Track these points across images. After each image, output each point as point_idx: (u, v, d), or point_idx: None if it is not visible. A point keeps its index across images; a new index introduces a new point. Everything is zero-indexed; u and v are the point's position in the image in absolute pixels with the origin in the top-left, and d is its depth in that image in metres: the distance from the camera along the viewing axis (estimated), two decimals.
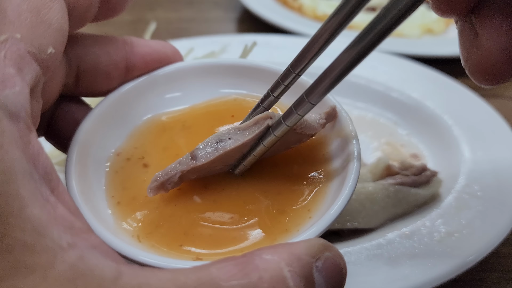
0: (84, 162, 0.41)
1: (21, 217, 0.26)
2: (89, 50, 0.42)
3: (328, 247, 0.31)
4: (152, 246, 0.37)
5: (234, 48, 0.84)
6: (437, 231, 0.60)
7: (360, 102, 0.84)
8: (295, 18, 1.17)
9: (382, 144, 0.69)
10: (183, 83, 0.48)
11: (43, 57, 0.33)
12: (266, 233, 0.37)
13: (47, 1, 0.34)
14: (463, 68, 0.41)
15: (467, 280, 0.57)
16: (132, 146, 0.45)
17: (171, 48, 0.47)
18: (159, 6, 1.28)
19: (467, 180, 0.67)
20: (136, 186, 0.41)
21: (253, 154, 0.40)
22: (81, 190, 0.38)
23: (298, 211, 0.39)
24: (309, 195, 0.40)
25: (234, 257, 0.29)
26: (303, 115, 0.38)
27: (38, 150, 0.30)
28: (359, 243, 0.60)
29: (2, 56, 0.30)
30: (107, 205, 0.40)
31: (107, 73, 0.43)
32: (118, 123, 0.45)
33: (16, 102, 0.29)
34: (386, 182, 0.64)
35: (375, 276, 0.55)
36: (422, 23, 1.15)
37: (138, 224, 0.38)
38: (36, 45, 0.32)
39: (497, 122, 0.76)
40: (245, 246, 0.36)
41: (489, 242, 0.57)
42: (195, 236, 0.37)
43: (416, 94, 0.84)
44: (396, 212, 0.64)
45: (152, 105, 0.47)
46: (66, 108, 0.44)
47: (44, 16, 0.33)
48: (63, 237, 0.27)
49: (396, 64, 0.90)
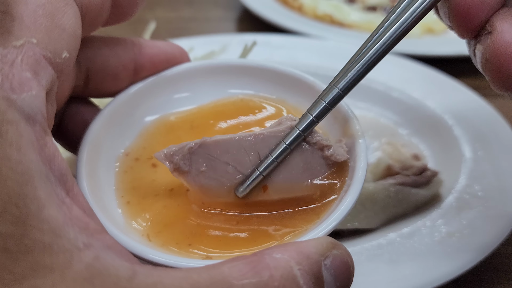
0: (94, 163, 0.41)
1: (39, 218, 0.27)
2: (98, 52, 0.43)
3: (336, 245, 0.32)
4: (162, 245, 0.37)
5: (234, 47, 0.84)
6: (438, 231, 0.60)
7: (361, 101, 0.84)
8: (295, 17, 1.17)
9: (383, 144, 0.69)
10: (191, 84, 0.48)
11: (58, 61, 0.33)
12: (273, 235, 0.38)
13: (62, 6, 0.34)
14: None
15: (467, 281, 0.57)
16: (141, 146, 0.45)
17: (178, 49, 0.47)
18: (158, 6, 1.28)
19: (468, 180, 0.67)
20: (145, 186, 0.42)
21: (271, 156, 0.39)
22: (91, 190, 0.38)
23: (306, 212, 0.39)
24: (316, 196, 0.40)
25: (245, 256, 0.30)
26: (330, 106, 0.39)
27: (54, 152, 0.30)
28: (359, 243, 0.60)
29: (19, 61, 0.30)
30: (117, 205, 0.40)
31: (115, 74, 0.44)
32: (127, 124, 0.46)
33: (33, 105, 0.30)
34: (387, 182, 0.64)
35: (375, 276, 0.55)
36: (423, 23, 1.15)
37: (147, 223, 0.39)
38: (51, 50, 0.33)
39: (498, 122, 0.76)
40: (254, 245, 0.37)
41: (490, 242, 0.57)
42: (203, 236, 0.38)
43: (416, 94, 0.84)
44: (396, 212, 0.64)
45: (160, 106, 0.48)
46: (75, 109, 0.45)
47: (59, 21, 0.34)
48: (79, 238, 0.27)
49: (396, 63, 0.90)
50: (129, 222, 0.39)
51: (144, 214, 0.40)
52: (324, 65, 0.86)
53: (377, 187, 0.64)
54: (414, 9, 0.38)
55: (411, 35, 1.28)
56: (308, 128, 0.39)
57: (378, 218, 0.63)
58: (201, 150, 0.39)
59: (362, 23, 1.15)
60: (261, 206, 0.40)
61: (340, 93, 0.39)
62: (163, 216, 0.39)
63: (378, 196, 0.63)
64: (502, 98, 0.93)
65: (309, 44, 0.98)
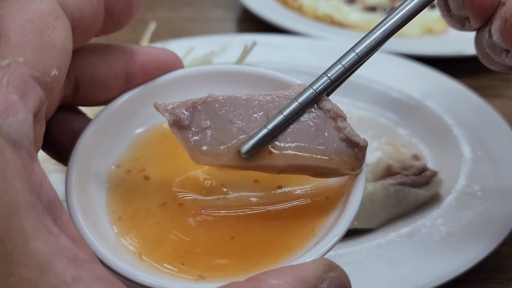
0: (85, 176, 0.40)
1: (25, 253, 0.26)
2: (87, 61, 0.41)
3: (333, 267, 0.31)
4: (154, 264, 0.36)
5: (234, 48, 0.84)
6: (437, 231, 0.60)
7: (360, 102, 0.84)
8: (295, 18, 1.17)
9: (382, 144, 0.69)
10: (183, 91, 0.46)
11: (47, 80, 0.32)
12: (268, 252, 0.36)
13: (51, 21, 0.33)
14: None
15: (467, 281, 0.57)
16: (132, 157, 0.44)
17: (171, 55, 0.46)
18: (158, 6, 1.28)
19: (468, 180, 0.67)
20: (137, 200, 0.40)
21: (282, 114, 0.36)
22: (81, 208, 0.37)
23: (301, 228, 0.37)
24: (311, 211, 0.38)
25: (239, 283, 0.29)
26: (347, 69, 0.37)
27: (42, 179, 0.29)
28: (359, 243, 0.60)
29: (4, 83, 0.29)
30: (108, 221, 0.39)
31: (106, 83, 0.42)
32: (118, 134, 0.44)
33: (19, 130, 0.29)
34: (386, 182, 0.64)
35: (375, 276, 0.55)
36: (422, 23, 1.15)
37: (139, 240, 0.37)
38: (39, 68, 0.31)
39: (497, 122, 0.76)
40: (248, 265, 0.35)
41: (490, 242, 0.57)
42: (197, 254, 0.36)
43: (416, 94, 0.84)
44: (396, 212, 0.64)
45: (153, 114, 0.45)
46: (64, 118, 0.43)
47: (48, 37, 0.32)
48: (67, 271, 0.26)
49: (396, 64, 0.90)
50: (120, 240, 0.37)
51: (136, 231, 0.38)
52: (324, 65, 0.86)
53: (377, 187, 0.64)
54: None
55: (410, 35, 1.27)
56: (323, 89, 0.37)
57: (378, 218, 0.63)
58: (206, 106, 0.37)
59: (362, 23, 1.15)
60: (263, 175, 0.38)
61: (357, 56, 0.37)
62: (155, 233, 0.38)
63: (377, 196, 0.63)
64: (502, 98, 0.93)
65: (309, 44, 0.98)
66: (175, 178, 0.42)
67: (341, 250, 0.58)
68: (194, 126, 0.37)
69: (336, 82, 0.37)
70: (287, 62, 0.89)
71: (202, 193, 0.40)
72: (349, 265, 0.56)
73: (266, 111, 0.37)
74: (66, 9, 0.34)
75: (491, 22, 0.40)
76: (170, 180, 0.42)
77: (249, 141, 0.36)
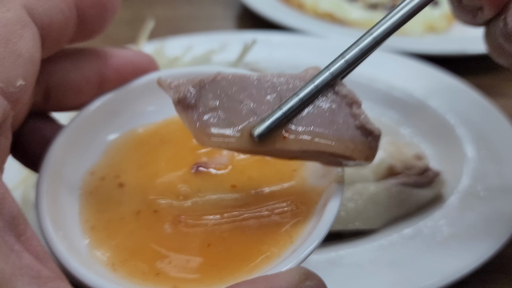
0: (57, 185, 0.38)
1: None
2: (58, 66, 0.40)
3: (309, 276, 0.30)
4: (127, 275, 0.34)
5: (233, 46, 0.83)
6: (440, 232, 0.60)
7: (362, 101, 0.83)
8: (296, 15, 1.16)
9: (384, 143, 0.68)
10: (159, 95, 0.43)
11: (12, 91, 0.31)
12: (245, 260, 0.35)
13: (17, 29, 0.32)
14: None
15: (470, 282, 0.56)
16: (106, 164, 0.42)
17: (147, 58, 0.44)
18: (157, 4, 1.27)
19: (471, 180, 0.67)
20: (111, 209, 0.39)
21: (297, 96, 0.34)
22: (52, 217, 0.35)
23: (279, 234, 0.36)
24: (290, 216, 0.37)
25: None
26: (364, 52, 0.36)
27: (4, 194, 0.28)
28: (360, 244, 0.59)
29: None
30: (81, 231, 0.37)
31: (78, 89, 0.41)
32: (92, 140, 0.43)
33: None
34: (389, 182, 0.64)
35: (377, 278, 0.55)
36: (425, 21, 1.14)
37: (112, 250, 0.36)
38: (3, 79, 0.30)
39: (501, 122, 0.75)
40: (223, 273, 0.34)
41: (493, 243, 0.56)
42: (172, 263, 0.35)
43: (418, 93, 0.83)
44: (398, 213, 0.64)
45: (127, 119, 0.44)
46: (34, 125, 0.41)
47: (14, 46, 0.31)
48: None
49: (398, 62, 0.90)
50: (92, 251, 0.36)
51: (109, 241, 0.37)
52: (325, 63, 0.85)
53: (379, 187, 0.63)
54: None
55: (413, 33, 1.26)
56: (340, 72, 0.35)
57: (380, 219, 0.63)
58: (214, 85, 0.35)
59: (363, 21, 1.14)
60: (240, 180, 0.37)
61: (373, 41, 0.36)
62: (129, 243, 0.36)
63: (379, 197, 0.62)
64: (505, 97, 0.92)
65: (310, 42, 0.97)
66: (150, 184, 0.41)
67: (343, 251, 0.58)
68: (201, 105, 0.34)
69: (352, 66, 0.36)
70: (287, 60, 0.88)
71: (179, 199, 0.39)
72: (350, 267, 0.56)
73: (280, 93, 0.35)
74: (35, 17, 0.33)
75: (507, 9, 0.39)
76: (145, 186, 0.40)
77: (262, 124, 0.34)
